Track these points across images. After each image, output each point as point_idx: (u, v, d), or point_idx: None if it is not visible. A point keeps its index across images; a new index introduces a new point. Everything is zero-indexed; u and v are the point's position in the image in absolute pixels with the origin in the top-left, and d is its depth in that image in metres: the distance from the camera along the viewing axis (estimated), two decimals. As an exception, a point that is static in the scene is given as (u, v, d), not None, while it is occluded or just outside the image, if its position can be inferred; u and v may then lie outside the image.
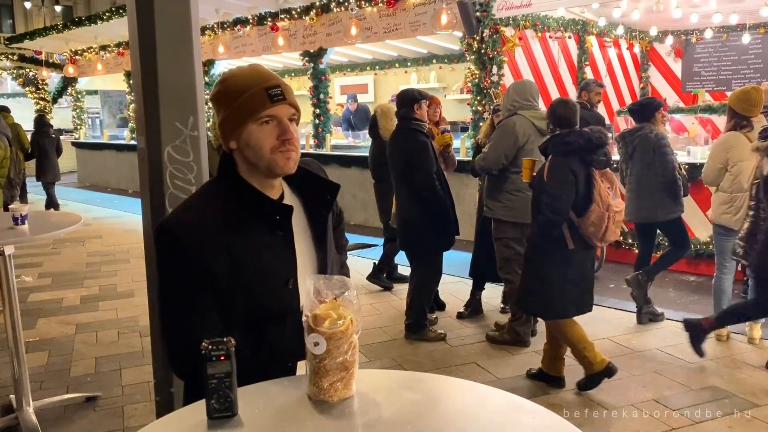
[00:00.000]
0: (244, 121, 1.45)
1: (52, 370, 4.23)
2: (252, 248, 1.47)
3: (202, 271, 1.42)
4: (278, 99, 1.45)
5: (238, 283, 1.45)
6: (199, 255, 1.42)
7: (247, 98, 1.44)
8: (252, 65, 1.53)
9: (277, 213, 1.50)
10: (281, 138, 1.45)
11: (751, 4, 7.70)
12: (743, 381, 3.90)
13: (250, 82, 1.46)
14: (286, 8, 9.52)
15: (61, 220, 3.77)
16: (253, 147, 1.46)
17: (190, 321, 1.42)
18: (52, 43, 14.07)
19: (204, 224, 1.45)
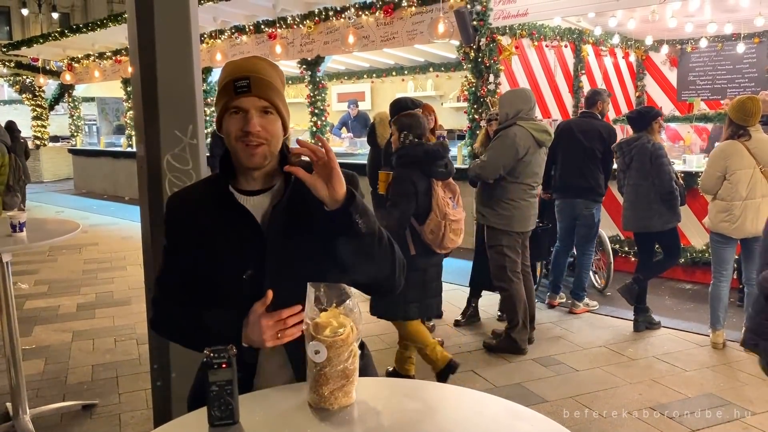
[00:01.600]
0: (221, 112, 1.55)
1: (49, 378, 4.22)
2: (217, 235, 1.57)
3: (179, 241, 1.63)
4: (242, 91, 1.50)
5: (202, 264, 1.58)
6: (177, 225, 1.63)
7: (221, 89, 1.54)
8: (246, 57, 1.62)
9: (223, 200, 1.58)
10: (243, 129, 1.51)
11: (745, 13, 7.77)
12: (739, 388, 3.91)
13: (227, 74, 1.55)
14: (284, 16, 9.55)
15: (59, 227, 3.76)
16: (225, 136, 1.55)
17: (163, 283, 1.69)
18: (49, 50, 14.08)
19: (190, 199, 1.66)
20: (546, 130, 4.39)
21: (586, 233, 5.32)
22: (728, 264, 4.51)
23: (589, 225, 5.27)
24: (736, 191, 4.31)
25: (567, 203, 5.27)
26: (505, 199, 4.38)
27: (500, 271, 4.50)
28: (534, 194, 4.48)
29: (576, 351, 4.58)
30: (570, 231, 5.35)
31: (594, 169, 5.17)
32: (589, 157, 5.15)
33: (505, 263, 4.45)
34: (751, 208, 4.27)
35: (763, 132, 4.43)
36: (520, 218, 4.41)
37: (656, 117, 4.85)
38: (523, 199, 4.39)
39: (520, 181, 4.36)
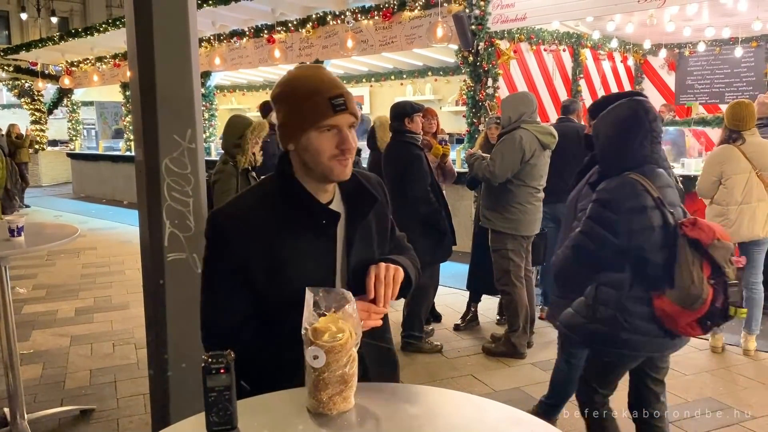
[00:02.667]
0: (306, 128, 1.48)
1: (47, 383, 4.21)
2: (293, 250, 1.51)
3: (238, 264, 1.50)
4: (341, 109, 1.47)
5: (274, 281, 1.50)
6: (239, 247, 1.49)
7: (310, 106, 1.46)
8: (315, 68, 1.54)
9: (325, 218, 1.53)
10: (340, 147, 1.48)
11: (743, 18, 7.79)
12: (738, 392, 3.91)
13: (315, 89, 1.47)
14: (283, 21, 9.57)
15: (58, 232, 3.75)
16: (312, 153, 1.49)
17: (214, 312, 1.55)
18: (48, 54, 14.09)
19: (250, 218, 1.52)
20: (550, 132, 4.38)
21: None
22: (727, 268, 4.51)
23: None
24: (731, 196, 4.31)
25: (550, 207, 5.07)
26: (512, 203, 4.37)
27: (504, 276, 4.48)
28: (539, 197, 4.47)
29: (575, 355, 4.56)
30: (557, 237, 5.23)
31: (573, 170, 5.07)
32: (567, 161, 5.04)
33: (510, 267, 4.44)
34: (746, 212, 4.28)
35: (760, 136, 4.44)
36: (526, 222, 4.40)
37: None
38: (529, 202, 4.38)
39: (527, 184, 4.35)
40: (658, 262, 2.35)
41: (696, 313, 2.32)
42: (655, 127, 2.45)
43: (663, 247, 2.34)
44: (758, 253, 4.43)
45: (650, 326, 2.41)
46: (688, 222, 2.34)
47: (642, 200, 2.34)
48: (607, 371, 2.69)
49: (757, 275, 4.47)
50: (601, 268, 2.54)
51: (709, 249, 2.29)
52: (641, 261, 2.37)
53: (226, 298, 1.53)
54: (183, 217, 2.70)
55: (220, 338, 1.50)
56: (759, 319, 4.49)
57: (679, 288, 2.30)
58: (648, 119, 2.43)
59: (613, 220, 2.36)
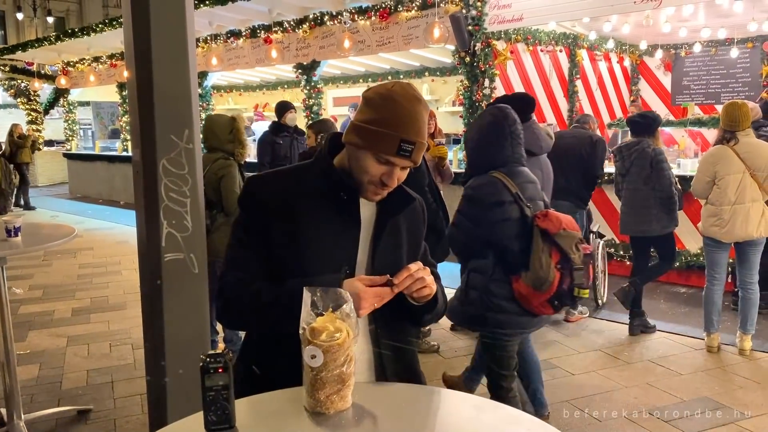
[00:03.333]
0: (366, 148, 1.51)
1: (43, 383, 4.21)
2: (317, 225, 1.53)
3: (261, 231, 1.54)
4: (404, 155, 1.48)
5: (295, 254, 1.52)
6: (265, 214, 1.54)
7: (382, 135, 1.48)
8: (414, 100, 1.51)
9: (345, 192, 1.54)
10: (384, 179, 1.51)
11: (738, 19, 7.81)
12: (734, 392, 3.93)
13: (397, 122, 1.48)
14: (280, 21, 9.56)
15: (55, 232, 3.75)
16: (359, 166, 1.52)
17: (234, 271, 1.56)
18: (45, 54, 14.06)
19: (281, 187, 1.58)
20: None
21: None
22: (721, 268, 4.53)
23: None
24: (725, 196, 4.32)
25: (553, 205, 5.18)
26: None
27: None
28: None
29: (571, 355, 4.58)
30: None
31: (580, 173, 5.14)
32: (576, 162, 5.12)
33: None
34: (740, 212, 4.29)
35: (755, 136, 4.45)
36: None
37: (660, 123, 4.89)
38: None
39: None
40: (516, 250, 2.68)
41: (546, 294, 2.64)
42: (514, 131, 2.77)
43: (520, 237, 2.67)
44: (753, 253, 4.45)
45: (511, 306, 2.73)
46: (540, 214, 2.67)
47: (501, 196, 2.68)
48: (492, 351, 2.96)
49: (753, 275, 4.49)
50: (470, 255, 2.91)
51: (556, 238, 2.61)
52: (502, 249, 2.71)
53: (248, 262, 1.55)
54: (180, 218, 2.71)
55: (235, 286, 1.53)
56: (755, 319, 4.50)
57: (531, 272, 2.62)
58: (507, 124, 2.77)
59: (478, 214, 2.66)
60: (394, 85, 1.54)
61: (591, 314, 5.46)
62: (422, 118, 1.51)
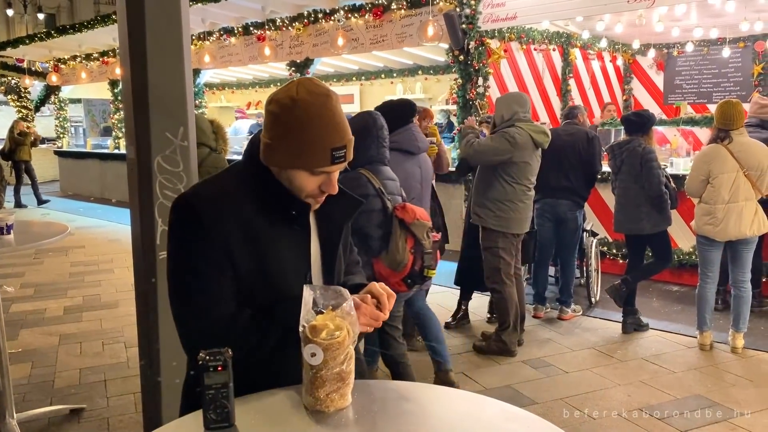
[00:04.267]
0: (297, 167, 1.43)
1: (36, 382, 4.18)
2: (273, 238, 1.47)
3: (221, 249, 1.41)
4: (339, 161, 1.43)
5: (260, 271, 1.45)
6: (220, 231, 1.41)
7: (310, 152, 1.40)
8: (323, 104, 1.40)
9: (294, 209, 1.49)
10: (323, 188, 1.47)
11: (730, 18, 7.85)
12: (727, 389, 3.95)
13: (319, 134, 1.39)
14: (273, 18, 9.54)
15: (47, 230, 3.73)
16: (294, 185, 1.46)
17: (207, 301, 1.41)
18: (35, 51, 13.96)
19: (228, 202, 1.44)
20: (544, 131, 4.40)
21: (569, 238, 5.28)
22: (714, 266, 4.55)
23: (572, 229, 5.26)
24: (718, 195, 4.34)
25: (549, 204, 5.18)
26: (504, 201, 4.38)
27: (494, 273, 4.50)
28: (531, 196, 4.48)
29: (565, 353, 4.60)
30: (550, 237, 5.28)
31: (578, 171, 5.15)
32: (574, 161, 5.14)
33: (500, 265, 4.46)
34: (733, 211, 4.31)
35: (749, 135, 4.47)
36: (517, 220, 4.42)
37: (654, 122, 4.90)
38: (521, 200, 4.40)
39: (519, 182, 4.37)
40: (377, 236, 3.09)
41: (401, 274, 3.07)
42: (380, 135, 3.20)
43: (381, 225, 3.09)
44: (746, 252, 4.47)
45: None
46: (399, 206, 3.12)
47: (366, 189, 3.06)
48: None
49: (745, 274, 4.51)
50: None
51: (411, 226, 3.06)
52: (365, 235, 3.07)
53: (218, 282, 1.42)
54: (175, 215, 2.69)
55: (218, 330, 1.40)
56: (747, 317, 4.53)
57: (390, 255, 3.05)
58: (376, 128, 3.18)
59: None
60: (297, 89, 1.41)
61: (584, 312, 5.49)
62: (340, 114, 1.42)
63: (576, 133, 5.21)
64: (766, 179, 4.33)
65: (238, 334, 1.42)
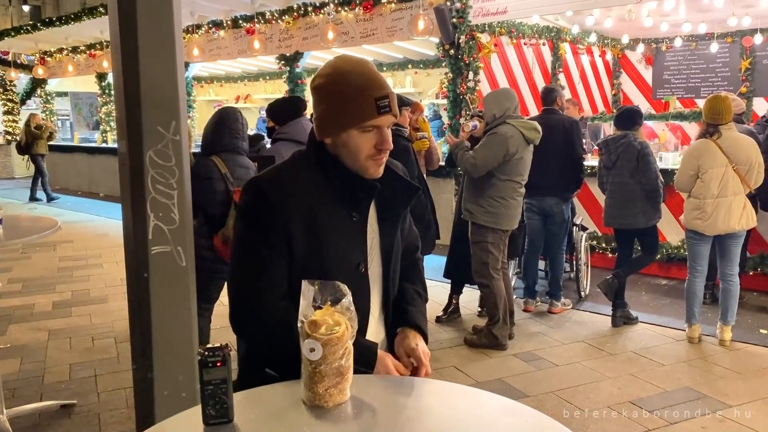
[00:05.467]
0: (348, 126, 1.47)
1: (25, 378, 4.15)
2: (331, 224, 1.50)
3: (282, 233, 1.47)
4: (385, 111, 1.46)
5: (313, 255, 1.49)
6: (282, 215, 1.46)
7: (356, 106, 1.45)
8: (362, 64, 1.49)
9: (362, 190, 1.52)
10: (379, 146, 1.49)
11: (718, 14, 7.90)
12: (715, 382, 3.99)
13: (361, 87, 1.45)
14: (262, 11, 9.48)
15: (36, 224, 3.70)
16: (351, 150, 1.49)
17: (261, 283, 1.48)
18: (21, 43, 13.79)
19: (292, 187, 1.50)
20: (534, 127, 4.41)
21: (557, 232, 5.31)
22: (703, 260, 4.59)
23: (559, 223, 5.28)
24: (708, 189, 4.38)
25: (537, 200, 5.18)
26: (495, 197, 4.39)
27: (482, 268, 4.52)
28: (521, 192, 4.50)
29: (556, 346, 4.63)
30: (539, 231, 5.31)
31: (560, 164, 5.13)
32: (554, 153, 5.10)
33: (488, 260, 4.48)
34: (722, 205, 4.35)
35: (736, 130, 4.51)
36: (507, 216, 4.43)
37: (642, 116, 4.92)
38: (512, 197, 4.41)
39: (511, 179, 4.38)
40: (218, 214, 3.47)
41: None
42: (234, 127, 3.59)
43: (222, 205, 3.46)
44: (734, 246, 4.51)
45: (209, 254, 3.48)
46: (237, 189, 3.46)
47: (211, 173, 3.47)
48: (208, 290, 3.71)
49: (733, 267, 4.56)
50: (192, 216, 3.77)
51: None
52: (209, 212, 3.47)
53: (277, 269, 1.48)
54: (167, 210, 2.68)
55: (275, 316, 1.47)
56: (735, 310, 4.58)
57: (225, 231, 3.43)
58: (230, 122, 3.59)
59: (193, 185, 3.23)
60: (334, 61, 1.51)
61: (574, 306, 5.52)
62: (378, 72, 1.50)
63: (554, 125, 5.07)
64: (755, 173, 4.37)
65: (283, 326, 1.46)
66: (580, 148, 5.26)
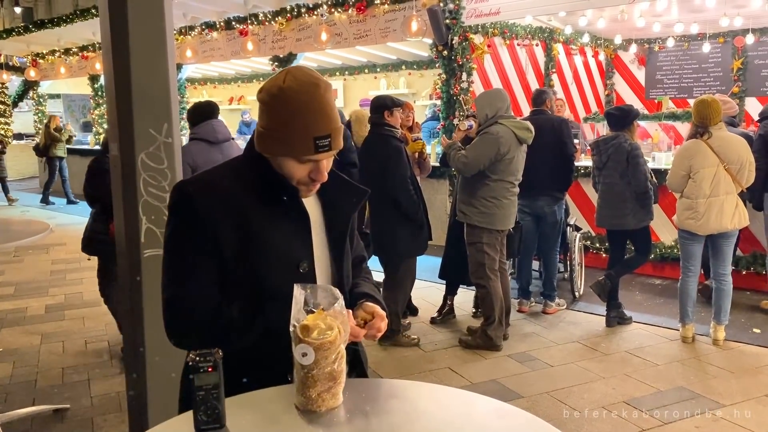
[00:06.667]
0: (284, 154, 1.46)
1: (18, 382, 4.12)
2: (266, 223, 1.48)
3: (209, 233, 1.43)
4: (323, 150, 1.44)
5: (245, 256, 1.46)
6: (209, 216, 1.43)
7: (295, 139, 1.42)
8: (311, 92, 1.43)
9: (285, 194, 1.50)
10: (312, 176, 1.48)
11: (711, 14, 7.93)
12: (709, 382, 4.00)
13: (303, 123, 1.41)
14: (255, 13, 9.47)
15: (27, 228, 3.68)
16: (283, 171, 1.48)
17: (189, 287, 1.44)
18: (13, 45, 13.73)
19: (220, 188, 1.48)
20: (527, 127, 4.42)
21: (550, 232, 5.32)
22: (696, 260, 4.61)
23: (552, 224, 5.29)
24: (700, 189, 4.39)
25: (528, 200, 5.17)
26: (488, 197, 4.40)
27: (479, 269, 4.52)
28: (515, 192, 4.50)
29: (550, 347, 4.63)
30: (532, 232, 5.30)
31: (550, 163, 5.13)
32: (544, 154, 5.07)
33: (485, 260, 4.48)
34: (714, 205, 4.37)
35: (727, 130, 4.53)
36: (501, 216, 4.44)
37: (637, 116, 4.91)
38: (505, 197, 4.42)
39: (503, 179, 4.39)
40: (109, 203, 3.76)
41: None
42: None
43: None
44: (727, 245, 4.53)
45: (106, 238, 3.87)
46: None
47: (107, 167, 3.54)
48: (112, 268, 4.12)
49: (726, 267, 4.57)
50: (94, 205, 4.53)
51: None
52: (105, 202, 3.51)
53: (206, 272, 1.44)
54: (160, 213, 2.67)
55: (203, 321, 1.43)
56: (728, 309, 4.59)
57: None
58: None
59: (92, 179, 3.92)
60: (285, 78, 1.44)
61: (569, 306, 5.53)
62: (327, 103, 1.44)
63: (542, 124, 5.02)
64: (746, 172, 4.39)
65: (218, 326, 1.44)
66: (572, 145, 5.26)
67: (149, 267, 2.64)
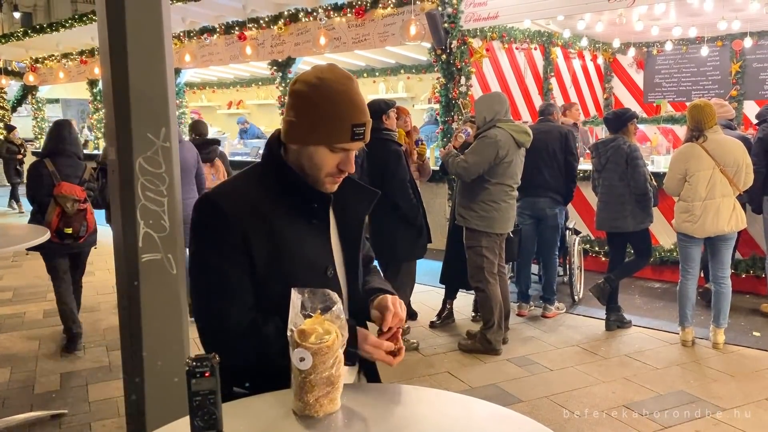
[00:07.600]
0: (318, 142, 1.46)
1: (15, 387, 4.11)
2: (292, 233, 1.48)
3: (241, 246, 1.43)
4: (359, 138, 1.46)
5: (276, 267, 1.46)
6: (240, 228, 1.43)
7: (332, 126, 1.44)
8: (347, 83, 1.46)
9: (315, 201, 1.51)
10: (341, 167, 1.49)
11: (709, 17, 7.94)
12: (709, 385, 3.99)
13: (343, 110, 1.44)
14: (254, 17, 9.47)
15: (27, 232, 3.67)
16: (314, 163, 1.48)
17: (225, 300, 1.44)
18: (12, 50, 13.74)
19: (247, 199, 1.47)
20: (525, 131, 4.42)
21: (549, 235, 5.32)
22: (695, 263, 4.60)
23: (552, 227, 5.29)
24: (696, 192, 4.39)
25: (528, 202, 5.21)
26: (486, 201, 4.40)
27: (478, 272, 4.51)
28: (514, 195, 4.50)
29: (550, 351, 4.62)
30: (532, 235, 5.31)
31: (554, 168, 5.16)
32: (549, 158, 5.16)
33: (483, 264, 4.47)
34: (711, 208, 4.36)
35: (723, 133, 4.53)
36: (500, 220, 4.43)
37: (632, 118, 4.91)
38: (504, 200, 4.41)
39: (502, 183, 4.39)
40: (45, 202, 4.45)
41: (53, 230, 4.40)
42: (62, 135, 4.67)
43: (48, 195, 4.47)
44: (725, 248, 4.52)
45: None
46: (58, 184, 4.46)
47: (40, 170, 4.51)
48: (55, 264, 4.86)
49: (725, 270, 4.57)
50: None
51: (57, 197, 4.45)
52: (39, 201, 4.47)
53: (240, 284, 1.45)
54: (158, 217, 2.66)
55: (241, 334, 1.43)
56: (727, 313, 4.58)
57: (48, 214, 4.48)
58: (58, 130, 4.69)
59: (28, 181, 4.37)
60: (322, 71, 1.48)
61: (568, 310, 5.52)
62: (361, 96, 1.49)
63: (550, 130, 5.21)
64: (743, 175, 4.39)
65: (255, 342, 1.45)
66: (576, 156, 5.30)
67: (147, 271, 2.63)
